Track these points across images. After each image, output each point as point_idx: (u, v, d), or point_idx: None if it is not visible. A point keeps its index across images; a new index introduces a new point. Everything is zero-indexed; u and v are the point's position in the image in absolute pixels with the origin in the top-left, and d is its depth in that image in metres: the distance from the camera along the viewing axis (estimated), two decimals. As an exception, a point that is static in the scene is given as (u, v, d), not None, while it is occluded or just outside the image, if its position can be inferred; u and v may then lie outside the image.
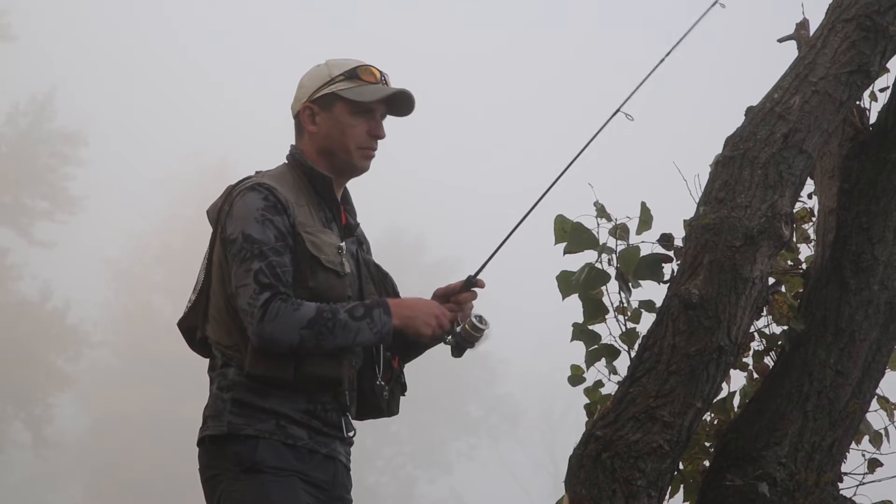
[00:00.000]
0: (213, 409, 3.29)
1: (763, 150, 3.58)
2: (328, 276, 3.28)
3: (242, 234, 3.24)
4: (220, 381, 3.30)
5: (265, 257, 3.20)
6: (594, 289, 3.83)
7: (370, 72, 3.44)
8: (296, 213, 3.30)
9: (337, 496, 3.35)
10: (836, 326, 3.73)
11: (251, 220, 3.24)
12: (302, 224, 3.30)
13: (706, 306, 3.44)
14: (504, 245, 3.46)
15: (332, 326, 3.16)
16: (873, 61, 3.68)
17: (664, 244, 3.82)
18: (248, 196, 3.29)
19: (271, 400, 3.25)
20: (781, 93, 3.66)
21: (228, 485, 3.23)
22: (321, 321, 3.16)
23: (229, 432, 3.24)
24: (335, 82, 3.42)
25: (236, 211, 3.28)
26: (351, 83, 3.41)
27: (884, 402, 3.92)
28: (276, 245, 3.22)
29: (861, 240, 3.79)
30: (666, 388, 3.42)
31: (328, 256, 3.30)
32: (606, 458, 3.40)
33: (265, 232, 3.23)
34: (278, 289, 3.17)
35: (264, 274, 3.18)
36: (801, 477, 3.60)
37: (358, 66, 3.44)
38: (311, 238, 3.29)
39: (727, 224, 3.49)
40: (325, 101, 3.42)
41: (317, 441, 3.29)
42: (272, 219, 3.25)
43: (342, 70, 3.43)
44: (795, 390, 3.68)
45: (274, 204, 3.27)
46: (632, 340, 3.79)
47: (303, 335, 3.15)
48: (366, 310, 3.21)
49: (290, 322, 3.14)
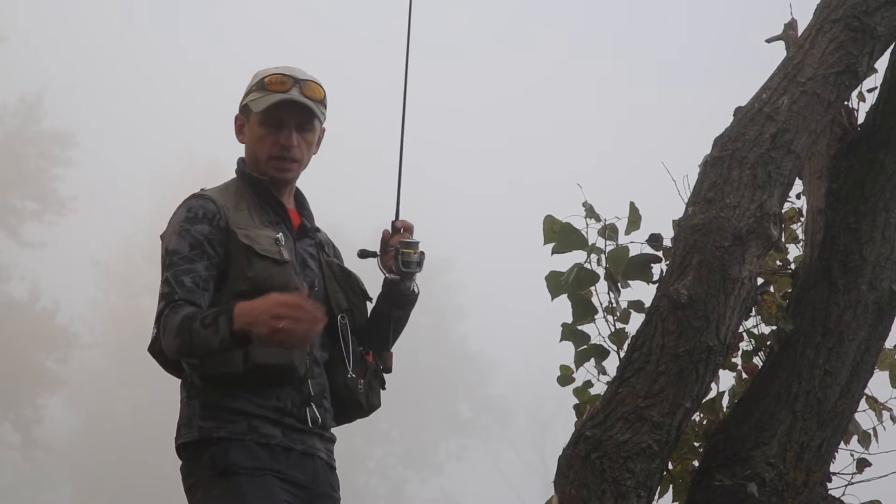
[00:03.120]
0: (185, 416, 3.32)
1: (751, 151, 3.58)
2: (266, 265, 3.31)
3: (164, 249, 3.36)
4: (189, 389, 3.33)
5: (173, 266, 3.29)
6: (583, 289, 3.83)
7: (278, 79, 3.41)
8: (231, 216, 3.35)
9: (320, 493, 3.35)
10: (824, 326, 3.73)
11: (172, 233, 3.35)
12: (236, 223, 3.35)
13: (695, 306, 3.44)
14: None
15: (191, 335, 3.17)
16: (861, 62, 3.69)
17: (653, 244, 3.82)
18: (176, 211, 3.40)
19: (240, 401, 3.26)
20: (770, 93, 3.66)
21: (205, 490, 3.25)
22: (184, 329, 3.18)
23: (201, 437, 3.25)
24: (251, 92, 3.45)
25: (167, 226, 3.39)
26: (259, 93, 3.42)
27: (872, 402, 3.93)
28: (189, 254, 3.29)
29: (849, 240, 3.79)
30: (655, 388, 3.43)
31: (262, 245, 3.32)
32: (596, 459, 3.40)
33: (180, 242, 3.31)
34: (173, 297, 3.25)
35: (168, 283, 3.27)
36: (790, 477, 3.61)
37: (267, 76, 3.43)
38: (244, 232, 3.34)
39: (716, 224, 3.50)
40: (245, 113, 3.47)
41: (291, 438, 3.30)
42: (189, 229, 3.32)
43: (257, 79, 3.45)
44: (784, 390, 3.69)
45: (195, 215, 3.34)
46: (621, 341, 3.79)
47: (176, 343, 3.20)
48: (213, 317, 3.16)
49: (169, 330, 3.21)
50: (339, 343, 3.42)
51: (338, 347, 3.43)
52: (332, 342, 3.42)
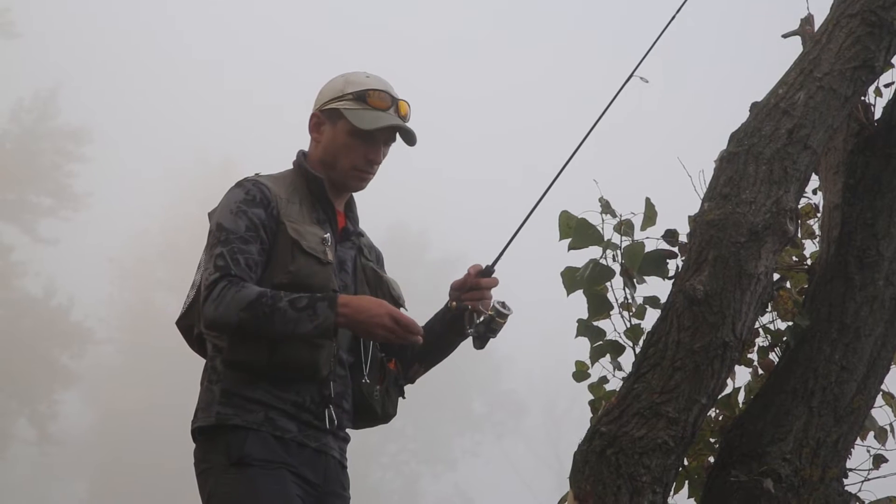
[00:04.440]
0: (204, 401, 3.33)
1: (768, 146, 3.57)
2: (309, 262, 3.33)
3: (216, 224, 3.34)
4: (210, 374, 3.34)
5: (228, 243, 3.28)
6: (599, 285, 3.83)
7: (380, 97, 3.46)
8: (284, 207, 3.37)
9: (330, 491, 3.36)
10: (840, 322, 3.73)
11: (227, 211, 3.34)
12: (287, 215, 3.37)
13: (711, 302, 3.44)
14: (514, 238, 3.46)
15: (270, 312, 3.18)
16: (878, 56, 3.67)
17: (669, 240, 3.82)
18: (231, 191, 3.40)
19: (259, 391, 3.28)
20: (786, 88, 3.65)
21: (218, 478, 3.25)
22: (259, 305, 3.18)
23: (218, 423, 3.27)
24: (344, 99, 3.46)
25: (219, 204, 3.39)
26: (357, 105, 3.45)
27: (889, 398, 3.92)
28: (245, 234, 3.30)
29: (866, 235, 3.78)
30: (671, 384, 3.42)
31: (309, 243, 3.34)
32: (611, 455, 3.39)
33: (236, 222, 3.31)
34: (229, 271, 3.24)
35: (222, 257, 3.26)
36: (806, 473, 3.60)
37: (369, 90, 3.46)
38: (294, 226, 3.35)
39: (732, 220, 3.49)
40: (331, 115, 3.48)
41: (306, 434, 3.31)
42: (247, 210, 3.33)
43: (354, 89, 3.47)
44: (800, 386, 3.68)
45: (254, 197, 3.35)
46: (636, 336, 3.79)
47: (241, 317, 3.18)
48: (310, 301, 3.21)
49: (230, 303, 3.19)
50: (360, 346, 3.44)
51: (358, 350, 3.44)
52: (358, 345, 3.45)
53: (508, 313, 3.40)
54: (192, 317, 3.43)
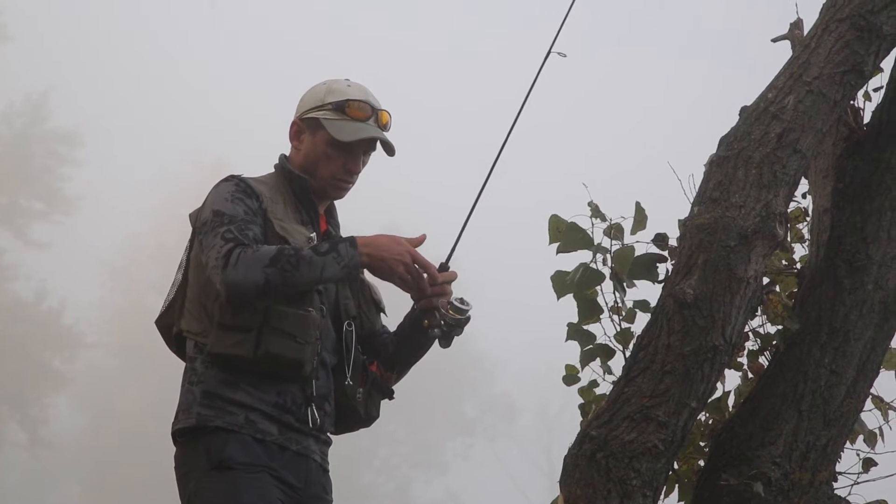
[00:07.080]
0: (184, 402, 3.32)
1: (757, 150, 3.58)
2: None
3: (212, 211, 3.32)
4: (191, 375, 3.34)
5: (234, 222, 3.28)
6: (589, 289, 3.83)
7: (360, 107, 3.47)
8: (269, 205, 3.38)
9: (312, 495, 3.35)
10: (830, 326, 3.73)
11: (221, 199, 3.34)
12: (273, 213, 3.38)
13: (701, 306, 3.44)
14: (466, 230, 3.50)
15: (297, 262, 3.18)
16: (867, 61, 3.68)
17: (659, 244, 3.82)
18: (220, 185, 3.41)
19: (240, 392, 3.27)
20: (775, 92, 3.66)
21: (199, 482, 3.24)
22: (283, 258, 3.18)
23: (198, 424, 3.26)
24: (324, 109, 3.47)
25: (207, 199, 3.38)
26: (337, 115, 3.46)
27: (878, 402, 3.93)
28: (246, 217, 3.31)
29: (855, 239, 3.79)
30: (661, 387, 3.42)
31: (296, 241, 3.34)
32: (601, 458, 3.40)
33: (234, 208, 3.32)
34: (241, 241, 3.23)
35: (230, 232, 3.25)
36: (796, 476, 3.60)
37: (349, 100, 3.47)
38: (281, 224, 3.37)
39: (721, 224, 3.49)
40: (311, 125, 3.49)
41: (287, 437, 3.30)
42: (242, 198, 3.34)
43: (334, 98, 3.47)
44: (790, 390, 3.68)
45: (244, 189, 3.37)
46: (626, 340, 3.79)
47: (267, 273, 3.16)
48: (331, 245, 3.23)
49: (252, 263, 3.17)
50: (342, 348, 3.45)
51: (341, 352, 3.45)
52: (341, 347, 3.45)
53: (467, 308, 3.40)
54: (171, 316, 3.44)
